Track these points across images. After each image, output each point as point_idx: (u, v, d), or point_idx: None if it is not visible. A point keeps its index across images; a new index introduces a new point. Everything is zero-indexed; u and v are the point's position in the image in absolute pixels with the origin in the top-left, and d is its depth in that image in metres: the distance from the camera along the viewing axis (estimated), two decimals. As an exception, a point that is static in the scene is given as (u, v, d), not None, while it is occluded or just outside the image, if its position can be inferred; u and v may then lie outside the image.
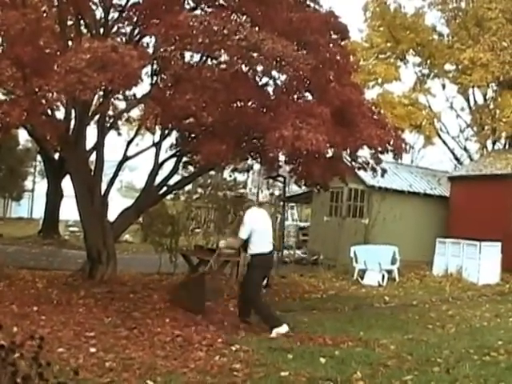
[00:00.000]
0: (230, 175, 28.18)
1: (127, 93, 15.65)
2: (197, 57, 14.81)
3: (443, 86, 37.89)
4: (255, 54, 11.92)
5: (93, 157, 16.97)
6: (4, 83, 11.16)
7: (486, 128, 34.76)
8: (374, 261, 20.89)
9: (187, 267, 18.37)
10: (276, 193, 35.82)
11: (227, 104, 13.71)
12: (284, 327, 10.99)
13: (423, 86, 37.23)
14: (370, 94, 33.41)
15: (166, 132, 17.13)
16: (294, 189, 32.17)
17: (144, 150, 18.45)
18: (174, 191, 19.83)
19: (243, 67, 13.53)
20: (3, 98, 12.42)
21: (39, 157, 39.17)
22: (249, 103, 14.42)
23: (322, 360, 8.68)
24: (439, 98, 40.43)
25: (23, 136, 40.05)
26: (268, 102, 14.28)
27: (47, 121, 13.58)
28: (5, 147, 37.10)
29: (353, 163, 16.63)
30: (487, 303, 16.91)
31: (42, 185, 41.95)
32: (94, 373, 7.38)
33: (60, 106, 16.99)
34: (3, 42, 12.42)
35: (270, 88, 15.33)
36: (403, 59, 37.06)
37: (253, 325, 11.32)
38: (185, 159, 17.72)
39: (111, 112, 18.91)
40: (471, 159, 37.06)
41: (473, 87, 35.14)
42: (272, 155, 14.47)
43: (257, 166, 26.08)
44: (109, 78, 10.33)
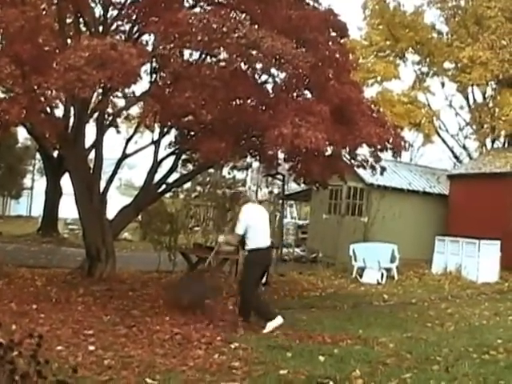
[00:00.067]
0: (229, 173, 28.16)
1: (126, 90, 15.62)
2: (196, 54, 14.81)
3: (442, 85, 37.92)
4: (254, 52, 11.91)
5: (92, 155, 16.98)
6: (3, 81, 11.13)
7: (486, 126, 34.76)
8: (373, 259, 20.90)
9: (186, 265, 18.37)
10: (275, 191, 35.78)
11: (226, 102, 13.68)
12: (278, 319, 10.97)
13: (422, 84, 37.24)
14: (370, 92, 33.43)
15: (165, 130, 17.12)
16: (293, 187, 32.13)
17: (143, 148, 18.46)
18: (173, 189, 19.85)
19: (242, 65, 13.51)
20: (2, 96, 12.39)
21: (38, 155, 39.16)
22: (248, 101, 14.41)
23: (321, 358, 8.66)
24: (438, 97, 40.52)
25: (22, 134, 40.19)
26: (267, 100, 14.29)
27: (46, 119, 13.56)
28: (4, 145, 37.16)
29: (352, 161, 16.63)
30: (486, 301, 16.91)
31: (41, 183, 42.05)
32: (93, 371, 7.36)
33: (59, 104, 16.89)
34: (2, 40, 12.37)
35: (270, 86, 15.38)
36: (402, 57, 37.07)
37: (252, 323, 11.30)
38: (184, 157, 17.74)
39: (110, 110, 18.86)
40: (470, 157, 37.06)
41: (472, 85, 35.17)
42: (271, 153, 14.46)
43: (256, 164, 26.13)
44: (108, 76, 10.32)
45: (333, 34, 15.44)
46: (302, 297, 16.33)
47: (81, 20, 14.69)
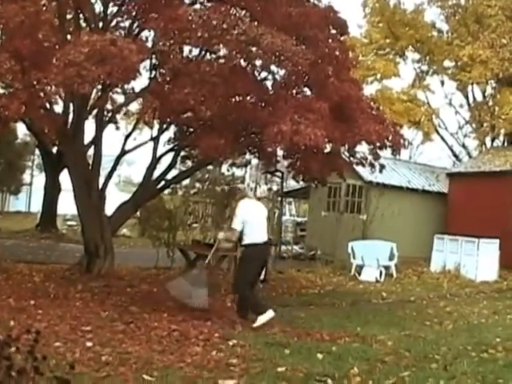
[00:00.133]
0: (228, 170, 28.11)
1: (126, 86, 15.61)
2: (196, 51, 14.80)
3: (442, 83, 37.88)
4: (254, 49, 11.92)
5: (91, 151, 16.98)
6: (3, 76, 11.11)
7: (485, 125, 34.71)
8: (372, 257, 20.90)
9: (184, 262, 18.36)
10: (274, 188, 35.73)
11: (226, 98, 13.67)
12: (269, 313, 10.92)
13: (422, 83, 37.18)
14: (369, 90, 33.43)
15: (164, 126, 17.11)
16: (292, 184, 32.11)
17: (142, 144, 18.47)
18: (172, 186, 19.84)
19: (242, 62, 13.49)
20: (2, 92, 12.39)
21: (37, 151, 39.09)
22: (247, 98, 14.40)
23: (319, 356, 8.65)
24: (438, 95, 40.43)
25: (22, 130, 40.13)
26: (266, 97, 14.27)
27: (45, 114, 13.57)
28: (3, 141, 37.13)
29: (351, 159, 16.59)
30: (485, 300, 16.92)
31: (40, 179, 41.95)
32: (91, 367, 7.34)
33: (58, 100, 16.94)
34: (2, 35, 12.37)
35: (269, 83, 15.36)
36: (402, 55, 37.00)
37: (250, 320, 11.28)
38: (183, 153, 17.73)
39: (109, 106, 18.89)
40: (470, 156, 37.03)
41: (472, 84, 35.14)
42: (270, 150, 14.45)
43: (255, 161, 26.11)
44: (107, 72, 10.31)
45: (333, 32, 15.44)
46: (301, 294, 16.33)
47: (81, 16, 14.65)
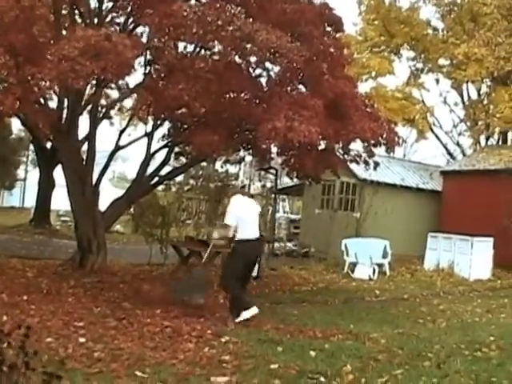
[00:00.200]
0: (222, 167, 28.09)
1: (120, 82, 15.62)
2: (190, 47, 14.76)
3: (437, 81, 38.03)
4: (249, 45, 11.91)
5: (85, 146, 16.93)
6: (-3, 71, 11.09)
7: (480, 123, 34.81)
8: (365, 254, 20.89)
9: (177, 258, 18.34)
10: (268, 185, 35.70)
11: (220, 95, 13.67)
12: (253, 309, 10.92)
13: (417, 81, 37.29)
14: (364, 88, 33.45)
15: (159, 122, 17.07)
16: (286, 181, 32.10)
17: (136, 140, 18.40)
18: (166, 182, 19.82)
19: (236, 58, 13.51)
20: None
21: (32, 146, 39.02)
22: (242, 94, 14.41)
23: (312, 353, 8.63)
24: (433, 93, 40.49)
25: (16, 125, 40.02)
26: (261, 94, 14.28)
27: (40, 109, 13.53)
28: (-2, 136, 37.10)
29: (345, 156, 16.60)
30: (479, 298, 16.92)
31: (34, 174, 41.92)
32: (83, 363, 7.33)
33: (53, 95, 16.89)
34: (-4, 30, 12.35)
35: (264, 79, 15.36)
36: (397, 53, 37.08)
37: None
38: (177, 150, 17.72)
39: (104, 102, 18.86)
40: (464, 154, 37.09)
41: (467, 82, 35.25)
42: (264, 147, 14.42)
43: (249, 158, 26.06)
44: (102, 67, 10.29)
45: (328, 29, 15.47)
46: (294, 291, 16.33)
47: (76, 11, 14.61)
